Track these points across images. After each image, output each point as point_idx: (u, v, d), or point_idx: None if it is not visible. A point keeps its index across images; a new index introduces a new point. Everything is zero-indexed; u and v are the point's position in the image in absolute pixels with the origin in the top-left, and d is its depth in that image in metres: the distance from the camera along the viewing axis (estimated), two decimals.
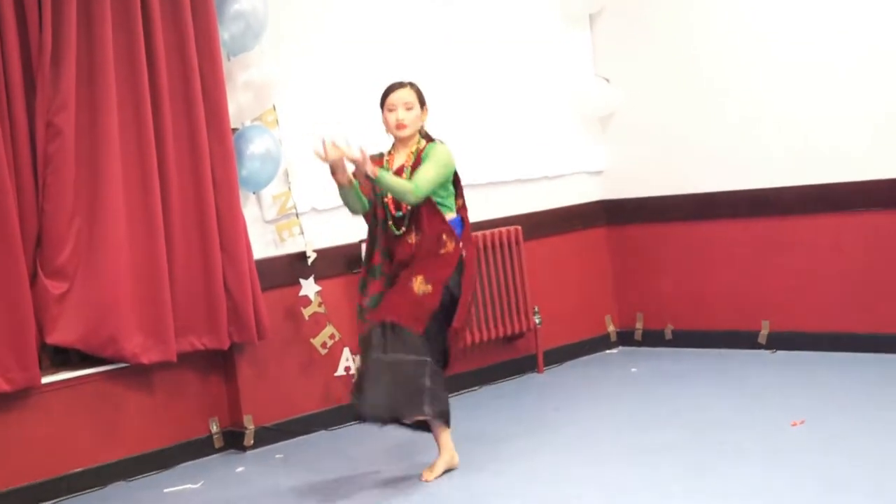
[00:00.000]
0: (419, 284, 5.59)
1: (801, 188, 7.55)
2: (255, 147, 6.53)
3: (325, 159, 5.50)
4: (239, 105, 6.60)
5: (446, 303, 5.64)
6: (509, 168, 7.87)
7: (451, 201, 5.74)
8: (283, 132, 6.74)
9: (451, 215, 5.71)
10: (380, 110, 5.75)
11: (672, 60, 8.07)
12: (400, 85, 5.72)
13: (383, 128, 5.77)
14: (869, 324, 7.36)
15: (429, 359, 5.57)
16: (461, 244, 5.70)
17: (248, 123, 6.64)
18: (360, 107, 7.07)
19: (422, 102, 5.73)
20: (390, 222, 5.71)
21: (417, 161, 5.66)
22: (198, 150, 6.33)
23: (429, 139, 5.77)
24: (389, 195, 5.65)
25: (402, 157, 5.73)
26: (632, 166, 8.38)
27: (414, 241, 5.65)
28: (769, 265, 7.78)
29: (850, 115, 7.29)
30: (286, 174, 6.79)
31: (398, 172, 5.66)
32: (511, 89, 8.01)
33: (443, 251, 5.64)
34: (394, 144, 5.81)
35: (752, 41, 7.67)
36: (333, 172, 5.59)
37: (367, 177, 5.45)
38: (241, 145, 6.52)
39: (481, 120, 7.68)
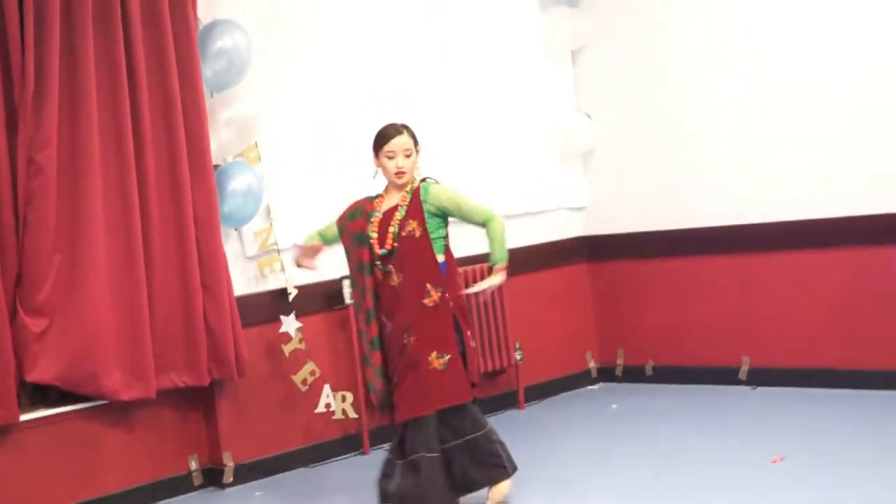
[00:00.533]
0: (436, 360, 5.54)
1: (780, 224, 7.57)
2: (237, 183, 6.53)
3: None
4: (221, 141, 6.60)
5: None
6: (491, 203, 7.82)
7: (442, 239, 5.68)
8: (265, 168, 6.74)
9: (440, 257, 5.64)
10: (372, 153, 5.69)
11: (653, 97, 8.11)
12: (396, 130, 5.65)
13: (374, 170, 5.73)
14: (849, 360, 7.37)
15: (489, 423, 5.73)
16: (446, 294, 5.62)
17: (230, 160, 6.64)
18: (342, 143, 7.11)
19: (416, 144, 5.71)
20: (377, 262, 5.65)
21: (413, 201, 5.61)
22: (179, 186, 6.31)
23: (422, 179, 5.73)
24: (375, 236, 5.64)
25: (395, 198, 5.69)
26: (613, 202, 8.40)
27: (397, 284, 5.60)
28: (749, 301, 7.80)
29: (829, 152, 7.31)
30: (268, 210, 6.79)
31: (390, 213, 5.64)
32: (494, 125, 8.03)
33: (428, 302, 5.57)
34: (386, 186, 5.76)
35: (734, 78, 7.70)
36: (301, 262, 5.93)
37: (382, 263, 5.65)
38: (223, 182, 6.51)
39: (464, 155, 7.69)
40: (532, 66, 8.27)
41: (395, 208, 5.64)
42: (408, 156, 5.64)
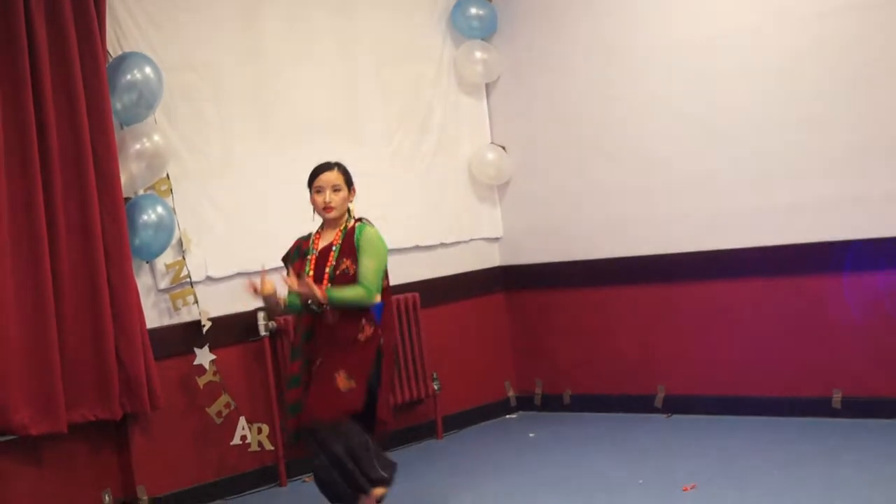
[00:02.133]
0: (344, 381, 5.58)
1: (693, 254, 7.63)
2: (148, 216, 6.49)
3: (261, 293, 5.65)
4: (131, 174, 6.53)
5: (367, 398, 5.69)
6: (407, 235, 7.87)
7: (379, 285, 5.73)
8: (176, 201, 6.70)
9: (376, 298, 5.69)
10: (307, 190, 5.75)
11: (564, 128, 8.16)
12: (328, 166, 5.75)
13: (311, 207, 5.78)
14: (761, 387, 7.44)
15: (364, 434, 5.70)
16: (379, 330, 5.70)
17: (140, 192, 6.60)
18: (255, 175, 7.10)
19: (349, 184, 5.78)
20: (309, 302, 5.65)
21: (347, 239, 5.68)
22: (89, 218, 6.25)
23: (357, 220, 5.80)
24: (311, 273, 5.65)
25: (329, 236, 5.75)
26: (529, 233, 8.44)
27: (332, 322, 5.64)
28: (662, 330, 7.86)
29: (739, 181, 7.39)
30: (180, 243, 6.74)
31: (325, 251, 5.69)
32: (409, 158, 8.04)
33: (361, 336, 5.64)
34: (322, 224, 5.82)
35: (643, 111, 7.77)
36: (266, 303, 5.76)
37: (315, 304, 5.60)
38: (133, 214, 6.47)
39: (380, 187, 7.67)
40: (447, 100, 8.30)
41: (329, 247, 5.69)
42: (336, 191, 5.70)
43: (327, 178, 5.71)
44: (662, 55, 7.65)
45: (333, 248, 5.68)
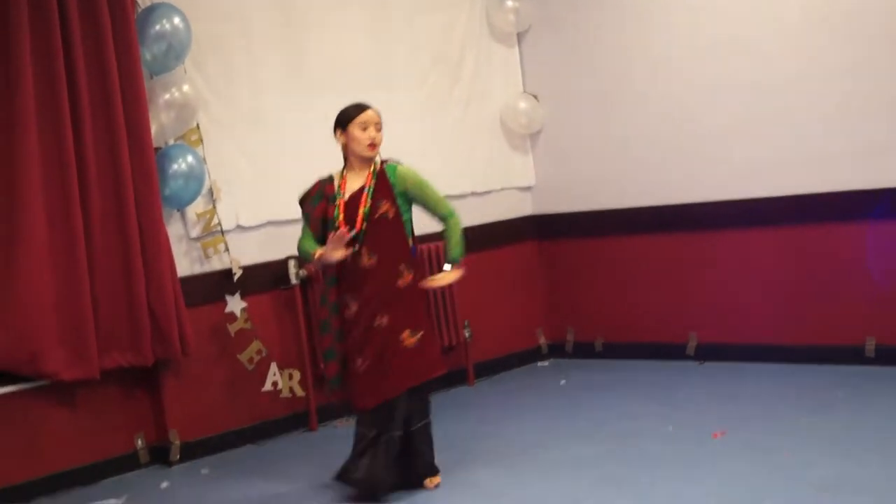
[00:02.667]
0: (409, 338, 5.55)
1: (726, 203, 7.61)
2: (178, 166, 6.54)
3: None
4: (161, 124, 6.60)
5: None
6: (439, 184, 7.85)
7: (410, 222, 5.66)
8: (207, 150, 6.75)
9: (410, 241, 5.64)
10: (337, 128, 5.59)
11: (599, 76, 8.14)
12: (368, 106, 5.60)
13: (342, 145, 5.62)
14: (794, 335, 7.44)
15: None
16: (417, 275, 5.64)
17: (171, 142, 6.65)
18: (285, 124, 7.13)
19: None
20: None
21: (381, 180, 5.57)
22: (119, 169, 6.32)
23: (382, 161, 5.68)
24: (341, 218, 5.56)
25: (360, 179, 5.61)
26: (561, 182, 8.44)
27: (368, 265, 5.54)
28: (696, 278, 7.85)
29: (772, 132, 7.35)
30: (210, 192, 6.80)
31: (357, 194, 5.57)
32: (440, 106, 8.05)
33: (401, 283, 5.56)
34: (345, 167, 5.69)
35: (679, 57, 7.73)
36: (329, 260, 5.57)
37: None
38: (163, 164, 6.52)
39: (411, 136, 7.68)
40: (479, 49, 8.29)
41: (360, 190, 5.57)
42: (379, 130, 5.60)
43: (371, 115, 5.56)
44: (696, 3, 7.59)
45: (366, 189, 5.55)
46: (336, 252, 5.48)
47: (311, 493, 5.88)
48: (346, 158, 5.67)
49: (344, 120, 5.57)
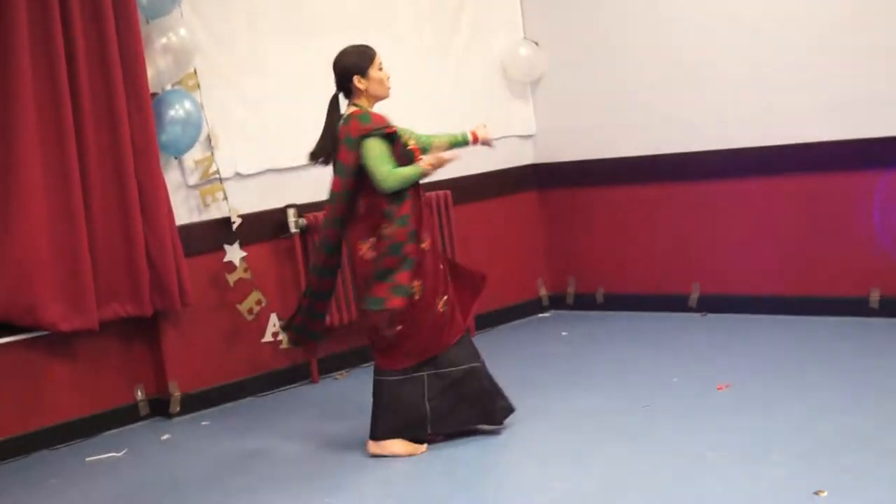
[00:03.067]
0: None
1: (729, 151, 7.53)
2: (176, 112, 6.44)
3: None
4: (158, 69, 6.48)
5: None
6: (438, 131, 7.77)
7: None
8: (204, 96, 6.64)
9: None
10: (354, 74, 5.42)
11: (600, 23, 8.02)
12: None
13: (362, 89, 5.44)
14: (797, 286, 7.39)
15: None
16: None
17: (168, 88, 6.54)
18: (285, 70, 7.03)
19: None
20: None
21: None
22: (116, 115, 6.22)
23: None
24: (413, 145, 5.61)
25: None
26: (562, 130, 8.34)
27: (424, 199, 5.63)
28: (699, 229, 7.78)
29: (777, 79, 7.26)
30: (208, 139, 6.70)
31: None
32: (440, 52, 7.93)
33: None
34: (368, 104, 5.51)
35: (681, 4, 7.63)
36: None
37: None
38: (161, 110, 6.42)
39: (410, 83, 7.55)
40: None
41: None
42: None
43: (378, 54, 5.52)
44: None
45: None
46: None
47: (312, 446, 5.83)
48: (357, 103, 5.49)
49: (364, 64, 5.46)
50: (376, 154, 5.33)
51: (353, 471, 5.40)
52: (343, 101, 5.54)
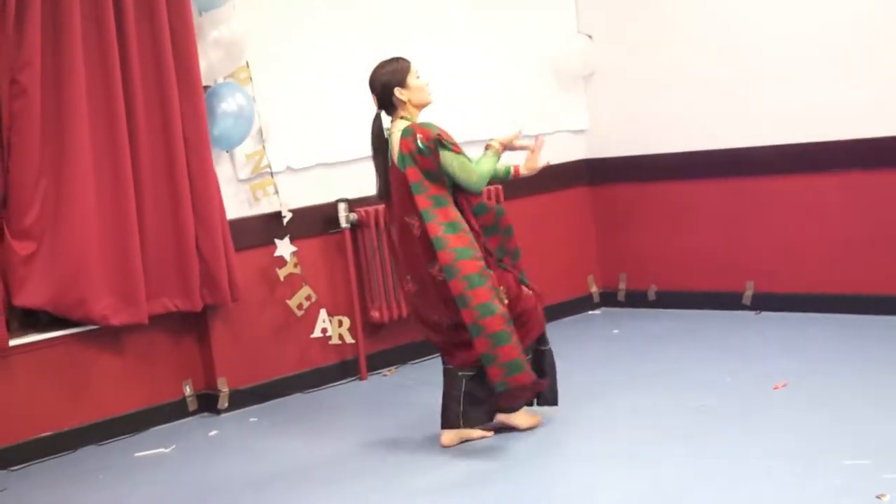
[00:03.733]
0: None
1: (786, 147, 7.48)
2: (228, 105, 6.45)
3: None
4: (210, 62, 6.51)
5: None
6: (489, 127, 7.72)
7: None
8: (256, 90, 6.66)
9: None
10: (398, 86, 5.37)
11: (655, 16, 7.99)
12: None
13: (405, 101, 5.40)
14: (854, 285, 7.32)
15: None
16: None
17: (220, 81, 6.56)
18: (337, 64, 7.03)
19: None
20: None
21: None
22: (168, 108, 6.25)
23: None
24: None
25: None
26: (615, 125, 8.31)
27: None
28: (754, 225, 7.73)
29: (835, 73, 7.21)
30: (260, 132, 6.72)
31: None
32: (491, 46, 7.91)
33: None
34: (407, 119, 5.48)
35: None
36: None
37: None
38: (213, 103, 6.44)
39: (461, 77, 7.58)
40: None
41: None
42: None
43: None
44: None
45: None
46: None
47: (360, 444, 5.84)
48: (404, 116, 5.45)
49: (401, 75, 5.43)
50: (456, 160, 5.36)
51: (402, 470, 5.40)
52: (385, 119, 5.54)
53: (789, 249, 7.59)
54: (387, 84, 5.42)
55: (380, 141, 5.49)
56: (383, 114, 5.53)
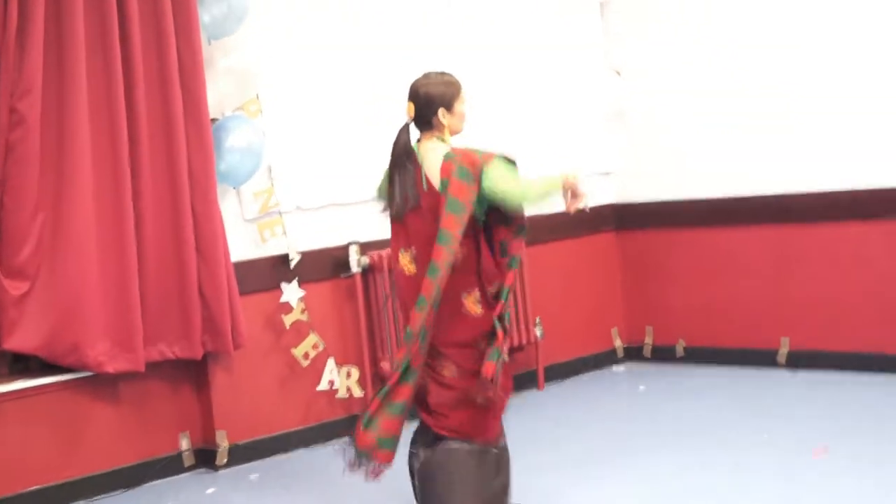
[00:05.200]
0: None
1: (825, 194, 7.50)
2: (236, 139, 6.46)
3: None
4: (219, 93, 6.53)
5: None
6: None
7: None
8: (266, 123, 6.67)
9: None
10: (444, 107, 5.12)
11: (690, 53, 8.02)
12: None
13: (445, 125, 5.15)
14: None
15: None
16: None
17: (228, 113, 6.57)
18: (353, 100, 7.04)
19: None
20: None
21: None
22: (173, 140, 6.25)
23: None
24: None
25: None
26: (645, 167, 8.33)
27: None
28: (790, 277, 7.73)
29: (877, 120, 7.23)
30: (269, 169, 6.72)
31: None
32: (516, 82, 7.95)
33: None
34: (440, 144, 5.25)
35: (777, 35, 7.61)
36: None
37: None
38: (220, 136, 6.44)
39: (483, 115, 7.56)
40: (557, 19, 8.19)
41: None
42: None
43: None
44: None
45: None
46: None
47: None
48: (439, 136, 5.20)
49: (452, 96, 5.18)
50: (505, 171, 5.06)
51: None
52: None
53: (828, 304, 7.58)
54: (434, 101, 5.14)
55: (407, 155, 5.16)
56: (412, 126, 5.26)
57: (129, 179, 6.11)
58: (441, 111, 5.13)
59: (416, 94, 5.17)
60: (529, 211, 5.16)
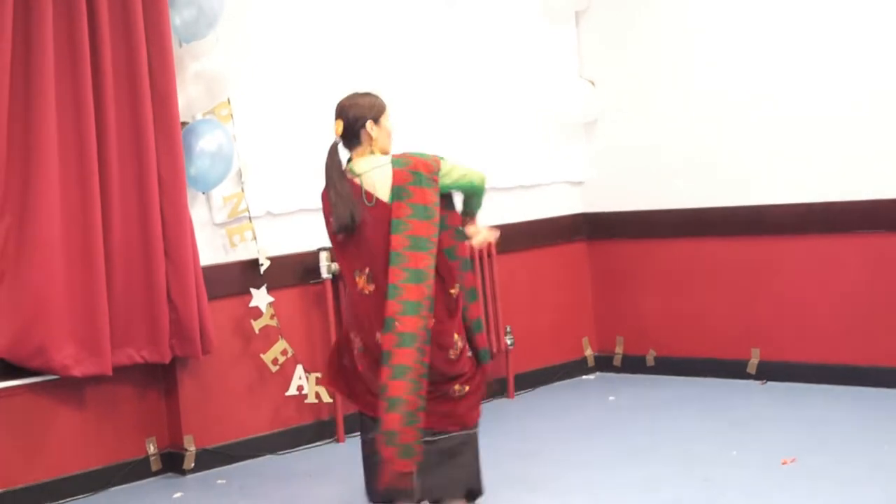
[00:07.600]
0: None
1: (797, 206, 7.52)
2: (206, 143, 6.45)
3: None
4: (189, 97, 6.52)
5: None
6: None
7: None
8: (237, 128, 6.67)
9: None
10: (372, 120, 5.21)
11: (664, 64, 8.05)
12: None
13: (373, 138, 5.21)
14: (868, 355, 7.34)
15: None
16: None
17: (198, 117, 6.57)
18: (324, 105, 7.00)
19: None
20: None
21: None
22: (143, 144, 6.23)
23: None
24: None
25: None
26: (616, 177, 8.35)
27: None
28: (761, 289, 7.75)
29: (850, 132, 7.27)
30: (239, 174, 6.72)
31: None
32: (488, 90, 7.96)
33: None
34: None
35: (751, 46, 7.64)
36: None
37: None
38: (190, 140, 6.43)
39: (453, 123, 7.63)
40: (531, 29, 8.20)
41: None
42: None
43: None
44: None
45: None
46: None
47: None
48: (371, 150, 5.26)
49: (377, 112, 5.28)
50: (455, 163, 5.33)
51: None
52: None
53: (799, 315, 7.61)
54: (362, 116, 5.24)
55: (340, 175, 5.19)
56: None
57: (98, 183, 6.08)
58: (369, 123, 5.24)
59: (342, 111, 5.29)
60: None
